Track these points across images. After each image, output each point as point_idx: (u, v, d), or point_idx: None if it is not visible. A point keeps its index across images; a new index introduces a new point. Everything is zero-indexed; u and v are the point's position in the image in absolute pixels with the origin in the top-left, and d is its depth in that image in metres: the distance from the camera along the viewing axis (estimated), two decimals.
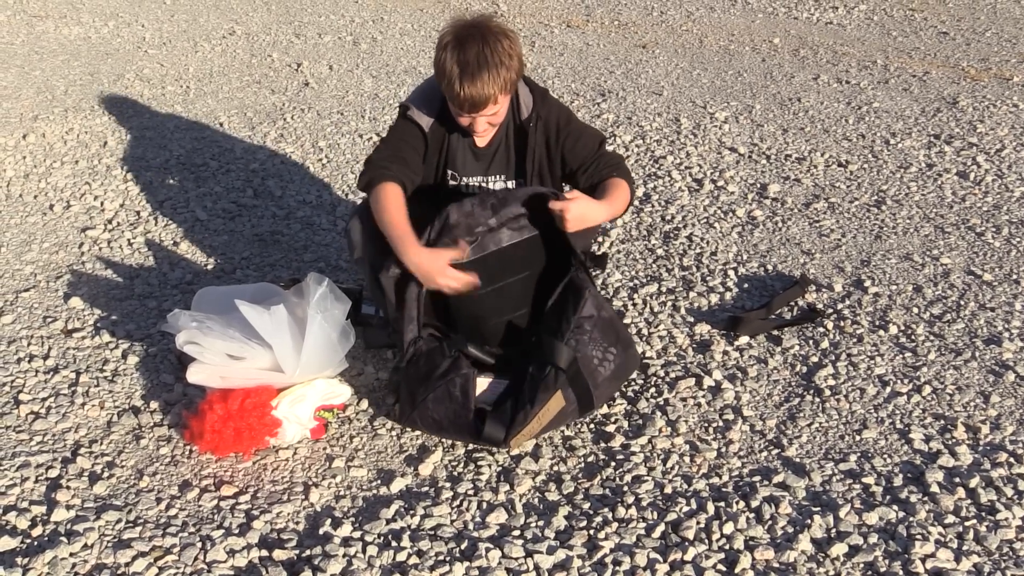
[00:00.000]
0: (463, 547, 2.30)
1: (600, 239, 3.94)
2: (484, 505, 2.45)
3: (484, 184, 3.02)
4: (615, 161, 2.98)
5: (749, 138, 5.16)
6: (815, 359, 3.10)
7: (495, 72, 2.65)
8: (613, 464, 2.60)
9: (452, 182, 3.02)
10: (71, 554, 2.25)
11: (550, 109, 2.94)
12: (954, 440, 2.70)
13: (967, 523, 2.38)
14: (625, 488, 2.51)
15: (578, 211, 2.67)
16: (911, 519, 2.39)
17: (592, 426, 2.78)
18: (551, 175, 3.00)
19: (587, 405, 2.66)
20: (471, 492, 2.50)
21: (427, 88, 2.95)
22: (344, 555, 2.26)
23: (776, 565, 2.27)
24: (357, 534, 2.34)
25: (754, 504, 2.44)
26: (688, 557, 2.27)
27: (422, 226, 2.75)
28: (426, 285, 2.70)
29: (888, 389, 2.94)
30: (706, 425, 2.78)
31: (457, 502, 2.46)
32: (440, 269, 2.68)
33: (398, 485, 2.52)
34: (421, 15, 8.19)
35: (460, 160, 2.99)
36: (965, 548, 2.30)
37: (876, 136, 5.18)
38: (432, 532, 2.35)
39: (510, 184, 3.03)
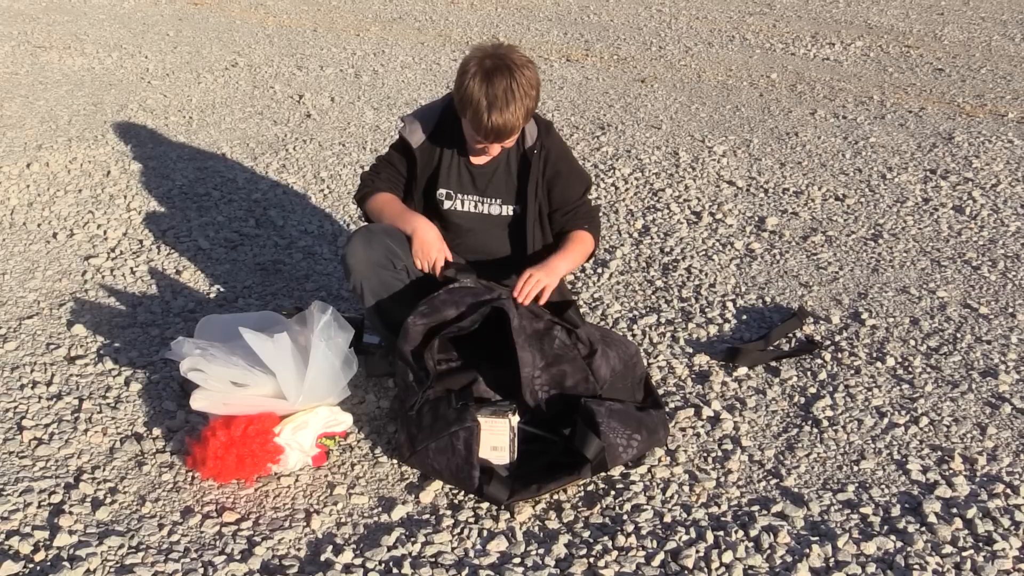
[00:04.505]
0: (464, 574, 2.31)
1: (599, 270, 3.97)
2: (485, 533, 2.46)
3: (479, 204, 3.07)
4: (590, 214, 3.18)
5: (747, 171, 5.21)
6: (813, 390, 3.13)
7: (521, 104, 2.76)
8: (613, 493, 2.61)
9: (447, 201, 3.08)
10: None
11: (553, 143, 3.03)
12: (951, 471, 2.72)
13: (964, 553, 2.39)
14: (625, 517, 2.52)
15: (546, 278, 2.88)
16: (909, 549, 2.40)
17: None
18: (544, 206, 3.10)
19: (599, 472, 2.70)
20: (472, 520, 2.51)
21: (428, 108, 3.08)
22: None
23: None
24: (358, 561, 2.35)
25: (753, 533, 2.45)
26: None
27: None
28: (415, 255, 2.94)
29: (885, 420, 2.96)
30: (705, 455, 2.80)
31: (458, 530, 2.47)
32: (436, 239, 2.96)
33: (399, 512, 2.53)
34: (422, 48, 8.27)
35: (455, 179, 3.06)
36: None
37: (873, 170, 5.23)
38: (433, 559, 2.36)
39: (507, 209, 3.08)
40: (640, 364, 2.91)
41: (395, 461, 2.75)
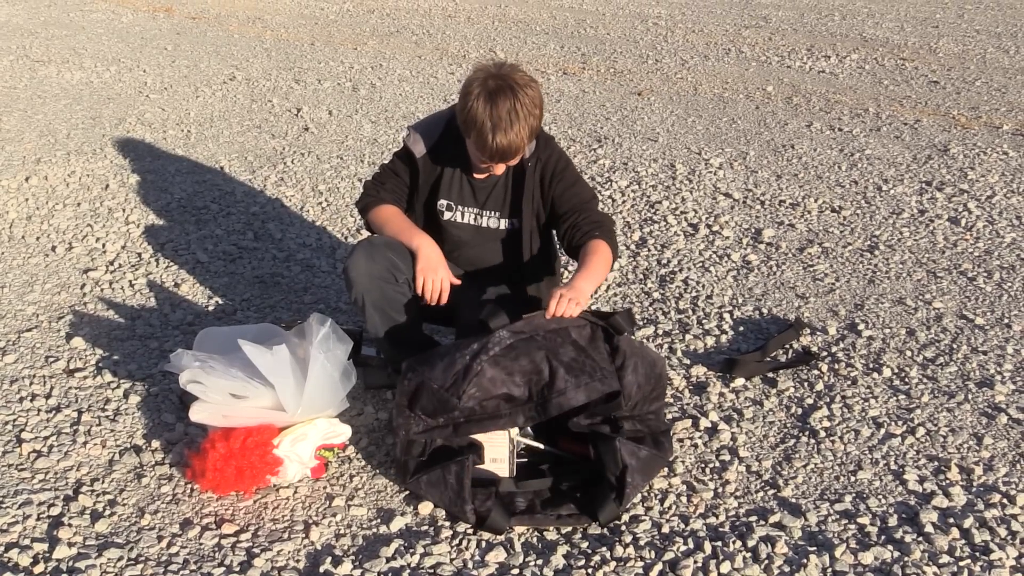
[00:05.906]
0: None
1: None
2: (483, 544, 2.46)
3: (479, 217, 3.09)
4: (601, 219, 3.03)
5: (743, 184, 5.23)
6: (810, 401, 3.14)
7: (524, 124, 2.76)
8: None
9: (447, 212, 3.09)
10: None
11: (551, 153, 3.02)
12: (948, 481, 2.73)
13: (961, 563, 2.40)
14: (623, 527, 2.53)
15: (576, 296, 2.72)
16: (906, 559, 2.41)
17: None
18: (542, 217, 3.08)
19: None
20: (470, 531, 2.51)
21: (432, 119, 3.09)
22: None
23: None
24: (357, 572, 2.35)
25: (751, 544, 2.46)
26: None
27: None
28: (421, 272, 2.92)
29: (882, 431, 2.97)
30: (703, 466, 2.81)
31: (456, 541, 2.47)
32: (441, 261, 2.95)
33: (398, 524, 2.54)
34: (419, 62, 8.30)
35: (456, 191, 3.08)
36: None
37: (869, 182, 5.25)
38: (432, 571, 2.36)
39: (503, 222, 3.09)
40: (664, 377, 2.80)
41: (393, 472, 2.75)
